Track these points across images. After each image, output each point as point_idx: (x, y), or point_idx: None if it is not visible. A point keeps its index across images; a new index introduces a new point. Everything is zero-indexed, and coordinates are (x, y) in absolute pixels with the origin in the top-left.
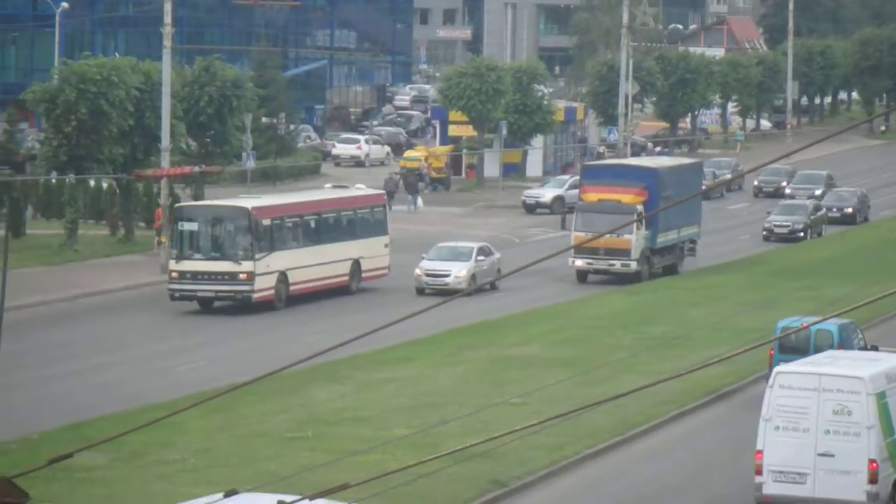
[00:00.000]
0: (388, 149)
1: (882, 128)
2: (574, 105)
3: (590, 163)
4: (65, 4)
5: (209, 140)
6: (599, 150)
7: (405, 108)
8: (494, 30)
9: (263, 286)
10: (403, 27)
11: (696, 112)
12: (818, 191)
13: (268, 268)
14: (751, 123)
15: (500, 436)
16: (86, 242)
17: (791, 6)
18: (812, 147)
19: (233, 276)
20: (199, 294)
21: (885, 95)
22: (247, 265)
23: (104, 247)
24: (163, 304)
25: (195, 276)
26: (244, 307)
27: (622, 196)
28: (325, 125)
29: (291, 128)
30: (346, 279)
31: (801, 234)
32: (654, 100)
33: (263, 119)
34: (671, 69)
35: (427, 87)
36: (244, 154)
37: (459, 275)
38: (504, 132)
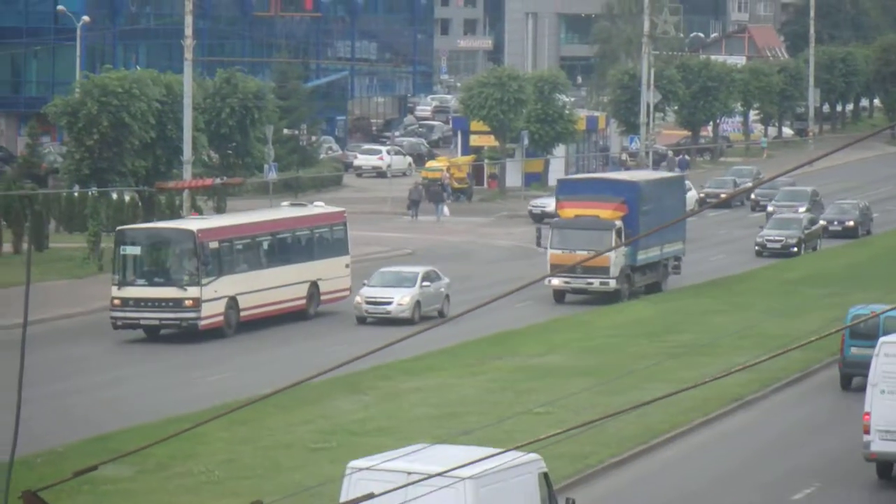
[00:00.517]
0: (410, 159)
1: None
2: (596, 114)
3: (566, 177)
4: (86, 18)
5: (231, 152)
6: (622, 159)
7: (427, 119)
8: (515, 39)
9: (211, 313)
10: (424, 37)
11: (718, 120)
12: (802, 208)
13: (216, 293)
14: (773, 131)
15: (524, 445)
16: (109, 255)
17: (812, 13)
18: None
19: (178, 303)
20: (143, 322)
21: None
22: (192, 291)
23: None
24: None
25: (138, 304)
26: (191, 335)
27: (600, 211)
28: (347, 136)
29: (313, 139)
30: (304, 303)
31: (795, 250)
32: (676, 108)
33: (285, 130)
34: (693, 77)
35: (448, 98)
36: (266, 166)
37: (402, 302)
38: (526, 142)
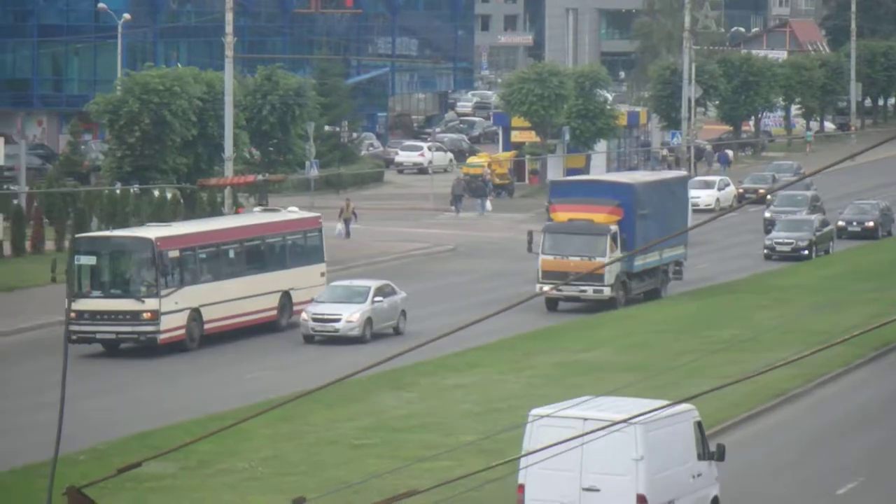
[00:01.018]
0: (451, 155)
1: None
2: (637, 109)
3: (559, 179)
4: (127, 16)
5: (272, 149)
6: (663, 154)
7: (467, 115)
8: (556, 35)
9: (171, 326)
10: (465, 33)
11: (760, 115)
12: (799, 216)
13: (176, 305)
14: (814, 126)
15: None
16: None
17: (853, 7)
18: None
19: (135, 316)
20: (99, 336)
21: None
22: (151, 303)
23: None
24: None
25: (94, 317)
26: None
27: (594, 215)
28: (388, 132)
29: (354, 136)
30: (275, 314)
31: (806, 253)
32: (717, 103)
33: (326, 127)
34: (734, 72)
35: (489, 94)
36: (307, 162)
37: (351, 319)
38: (567, 137)
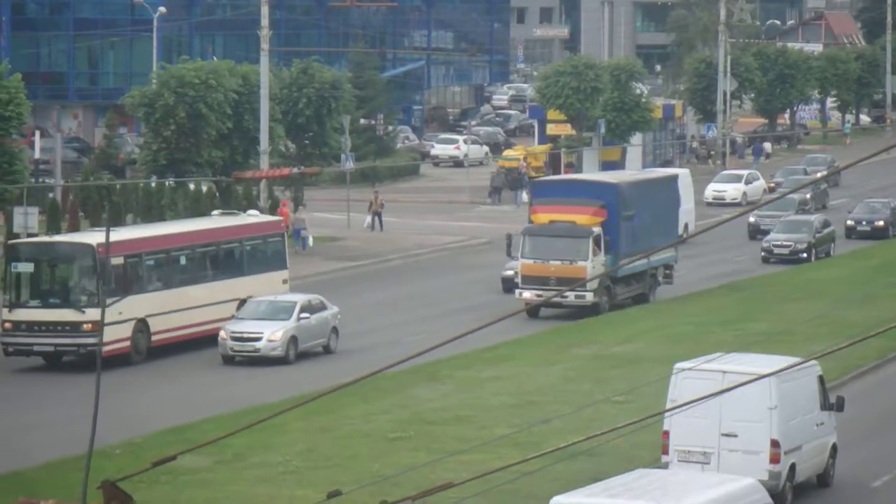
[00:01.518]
0: (487, 148)
1: None
2: (672, 102)
3: (540, 178)
4: (162, 9)
5: (308, 142)
6: (693, 146)
7: (503, 108)
8: (591, 28)
9: (115, 337)
10: (500, 26)
11: (795, 108)
12: (800, 216)
13: (121, 315)
14: (850, 118)
15: (603, 433)
16: None
17: (889, 0)
18: None
19: (75, 327)
20: (37, 349)
21: None
22: (92, 313)
23: None
24: None
25: (31, 328)
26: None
27: (577, 216)
28: (424, 126)
29: (390, 129)
30: None
31: (804, 255)
32: (753, 96)
33: (362, 120)
34: (769, 65)
35: (525, 86)
36: (343, 155)
37: (273, 338)
38: (602, 130)
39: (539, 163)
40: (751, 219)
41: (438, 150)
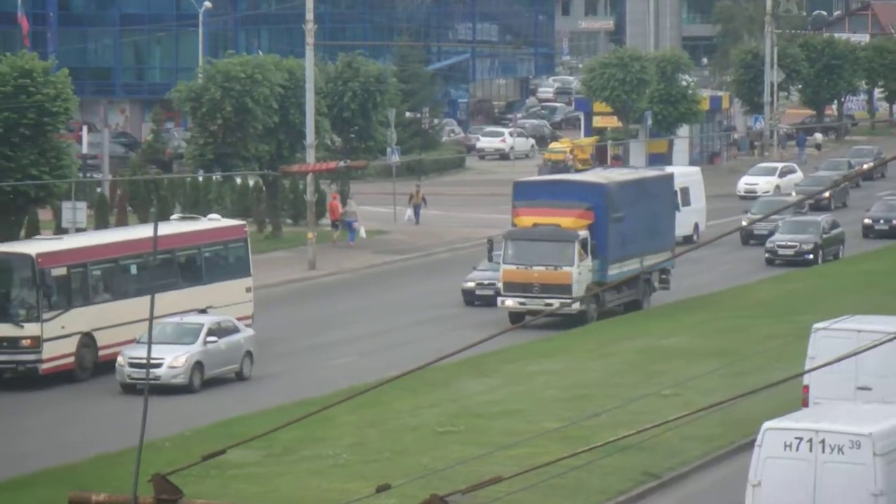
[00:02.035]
0: (533, 141)
1: None
2: (719, 94)
3: (523, 179)
4: (208, 4)
5: (353, 136)
6: (735, 137)
7: (549, 100)
8: (637, 19)
9: (56, 353)
10: (545, 19)
11: (843, 98)
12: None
13: (63, 330)
14: None
15: (652, 427)
16: None
17: None
18: None
19: (13, 343)
20: None
21: None
22: (31, 328)
23: (252, 244)
24: (308, 300)
25: None
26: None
27: (562, 219)
28: (469, 118)
29: (435, 122)
30: None
31: (810, 257)
32: (800, 87)
33: (407, 114)
34: (816, 56)
35: (570, 79)
36: (388, 149)
37: (175, 364)
38: (649, 122)
39: (585, 155)
40: (743, 222)
41: (484, 143)
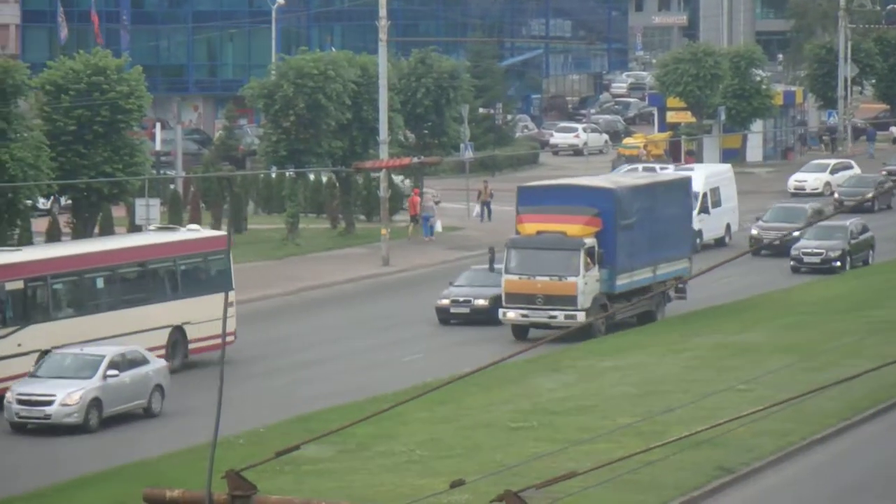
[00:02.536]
0: (607, 136)
1: None
2: (793, 89)
3: (527, 184)
4: (281, 0)
5: (427, 132)
6: (799, 133)
7: (622, 96)
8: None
9: (11, 373)
10: (619, 14)
11: None
12: (754, 230)
13: (19, 348)
14: None
15: (726, 422)
16: (307, 236)
17: None
18: None
19: None
20: None
21: None
22: None
23: (325, 240)
24: (383, 296)
25: None
26: None
27: (567, 226)
28: (542, 114)
29: (508, 118)
30: (163, 354)
31: (837, 264)
32: (874, 82)
33: (480, 109)
34: (890, 50)
35: (644, 74)
36: (462, 145)
37: (68, 401)
38: (722, 117)
39: (659, 150)
40: (753, 231)
41: (558, 139)
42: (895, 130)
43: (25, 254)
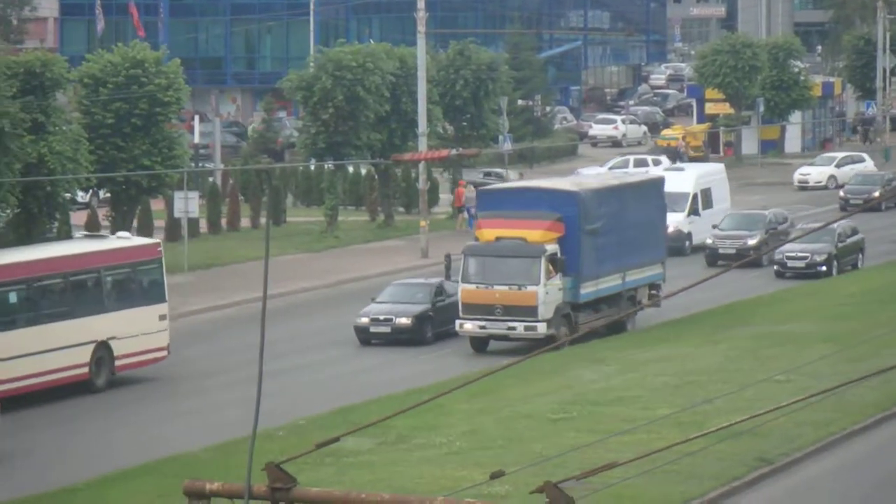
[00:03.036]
0: (645, 128)
1: None
2: (831, 80)
3: (487, 188)
4: None
5: (465, 124)
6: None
7: (661, 87)
8: (748, 6)
9: None
10: (657, 6)
11: None
12: (752, 240)
13: None
14: None
15: (766, 413)
16: (346, 228)
17: None
18: None
19: None
20: None
21: None
22: None
23: (364, 232)
24: None
25: None
26: None
27: (528, 232)
28: (581, 106)
29: (547, 109)
30: (86, 371)
31: (823, 269)
32: None
33: (519, 101)
34: None
35: (682, 66)
36: (500, 137)
37: None
38: (761, 109)
39: (698, 142)
40: (708, 240)
41: (596, 131)
42: None
43: None
